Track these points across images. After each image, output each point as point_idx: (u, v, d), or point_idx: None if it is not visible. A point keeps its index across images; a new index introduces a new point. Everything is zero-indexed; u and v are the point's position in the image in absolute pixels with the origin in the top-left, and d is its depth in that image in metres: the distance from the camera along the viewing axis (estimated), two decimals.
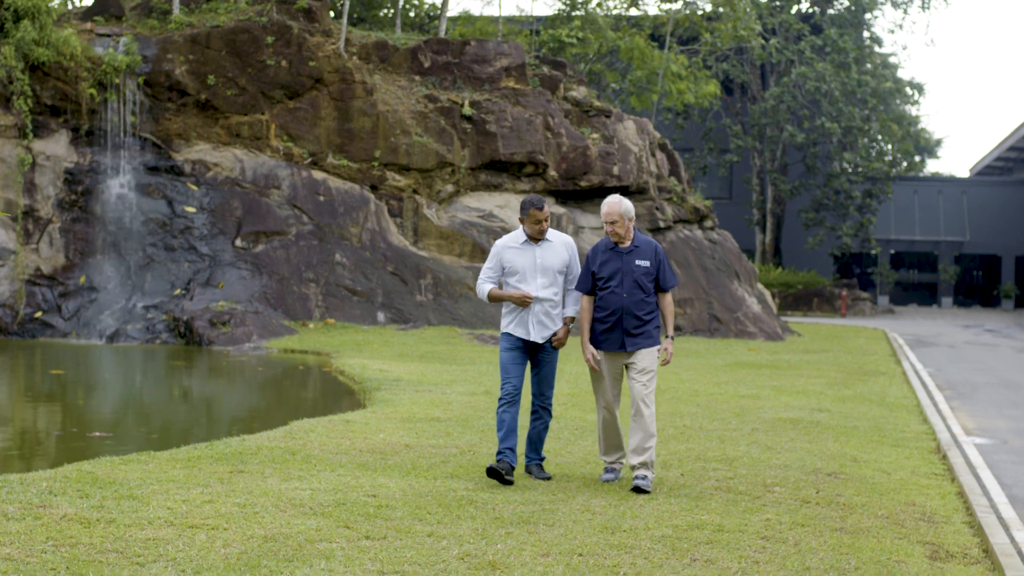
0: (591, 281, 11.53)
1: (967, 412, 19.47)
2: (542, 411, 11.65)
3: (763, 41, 56.31)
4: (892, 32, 68.18)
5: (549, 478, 11.44)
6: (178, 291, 31.41)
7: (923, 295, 73.68)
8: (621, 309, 11.33)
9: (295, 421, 14.92)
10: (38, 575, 7.45)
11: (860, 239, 63.76)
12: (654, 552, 8.77)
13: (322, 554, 8.25)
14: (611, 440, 11.60)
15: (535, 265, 11.55)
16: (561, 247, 11.69)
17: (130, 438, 15.29)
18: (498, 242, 11.82)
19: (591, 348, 11.46)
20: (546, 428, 11.70)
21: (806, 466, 12.74)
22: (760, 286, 41.45)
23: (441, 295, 33.18)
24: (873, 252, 68.88)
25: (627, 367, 11.45)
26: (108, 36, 34.34)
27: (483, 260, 33.74)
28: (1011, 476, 13.35)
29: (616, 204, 11.45)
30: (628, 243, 11.52)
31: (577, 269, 11.71)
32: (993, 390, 23.19)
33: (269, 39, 34.13)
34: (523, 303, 11.43)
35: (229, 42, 34.09)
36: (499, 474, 11.06)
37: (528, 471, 11.62)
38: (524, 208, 11.53)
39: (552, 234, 11.72)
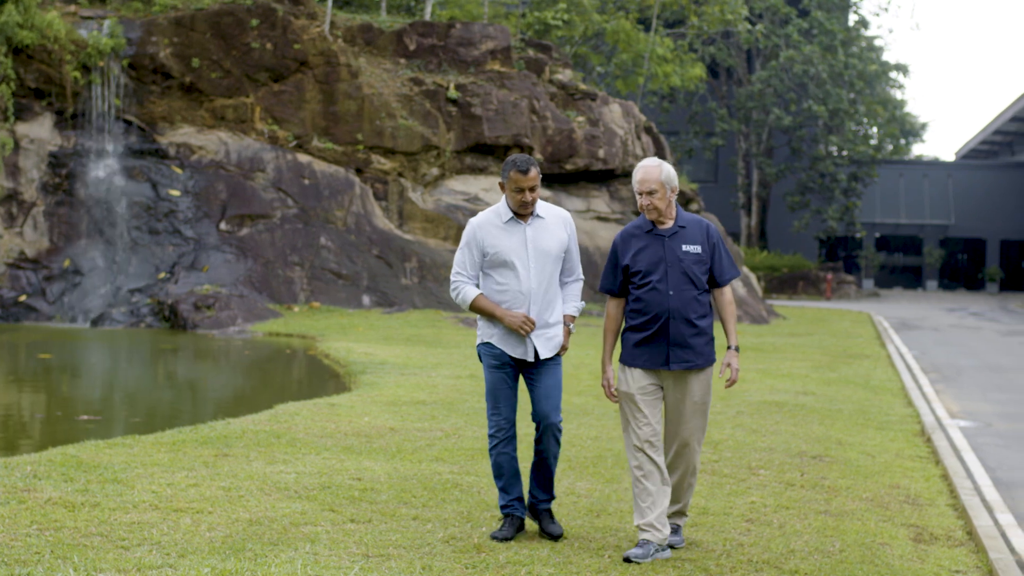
0: (620, 278, 8.59)
1: (951, 395, 19.52)
2: (545, 435, 8.65)
3: (750, 25, 56.30)
4: (878, 15, 68.32)
5: (560, 533, 8.63)
6: (163, 274, 31.34)
7: (908, 278, 73.85)
8: (667, 312, 8.39)
9: (280, 404, 14.89)
10: (22, 559, 7.43)
11: (845, 222, 63.87)
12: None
13: (307, 537, 8.24)
14: (651, 493, 8.43)
15: (527, 250, 8.62)
16: (557, 224, 8.77)
17: (115, 422, 15.26)
18: (473, 221, 8.80)
19: (610, 373, 8.59)
20: (555, 459, 8.74)
21: (791, 449, 12.77)
22: (745, 269, 41.50)
23: (426, 278, 33.15)
24: (858, 235, 69.01)
25: (669, 393, 8.59)
26: (92, 19, 34.20)
27: None
28: (995, 459, 13.39)
29: (654, 168, 8.50)
30: (671, 223, 8.55)
31: (577, 253, 8.88)
32: (977, 373, 23.25)
33: (254, 22, 34.02)
34: (523, 330, 8.52)
35: (214, 25, 33.99)
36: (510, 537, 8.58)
37: (541, 528, 8.69)
38: (505, 170, 8.64)
39: (544, 208, 8.77)
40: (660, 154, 40.65)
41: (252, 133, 33.89)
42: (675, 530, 8.67)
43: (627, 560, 8.14)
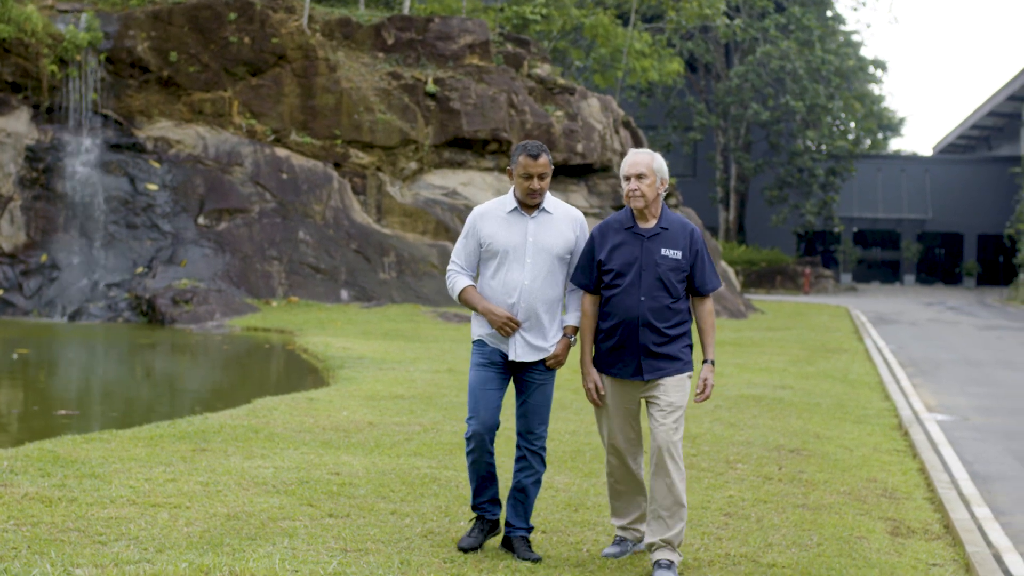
0: (595, 274, 8.02)
1: (929, 389, 19.58)
2: (530, 456, 8.14)
3: (728, 20, 56.37)
4: (856, 10, 68.58)
5: (538, 559, 7.94)
6: (140, 269, 31.25)
7: (886, 273, 74.10)
8: (636, 319, 7.86)
9: (258, 399, 14.86)
10: None
11: (823, 217, 64.07)
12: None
13: (285, 532, 8.22)
14: (623, 496, 8.30)
15: (526, 244, 8.03)
16: (566, 223, 8.14)
17: (92, 417, 15.21)
18: (476, 209, 8.24)
19: (594, 375, 8.05)
20: (537, 483, 8.19)
21: (769, 443, 12.79)
22: (724, 264, 41.56)
23: (405, 273, 33.12)
24: (836, 230, 69.23)
25: (647, 401, 8.01)
26: (69, 12, 34.09)
27: (447, 238, 33.67)
28: (972, 452, 13.44)
29: (645, 154, 8.04)
30: (653, 222, 8.02)
31: None
32: (955, 367, 23.32)
33: (232, 15, 33.94)
34: (504, 330, 7.98)
35: (191, 18, 33.90)
36: (473, 543, 8.14)
37: (508, 546, 8.13)
38: (514, 155, 8.09)
39: (553, 203, 8.18)
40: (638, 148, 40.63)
41: (230, 127, 33.82)
42: (669, 562, 7.83)
43: (607, 556, 8.12)
